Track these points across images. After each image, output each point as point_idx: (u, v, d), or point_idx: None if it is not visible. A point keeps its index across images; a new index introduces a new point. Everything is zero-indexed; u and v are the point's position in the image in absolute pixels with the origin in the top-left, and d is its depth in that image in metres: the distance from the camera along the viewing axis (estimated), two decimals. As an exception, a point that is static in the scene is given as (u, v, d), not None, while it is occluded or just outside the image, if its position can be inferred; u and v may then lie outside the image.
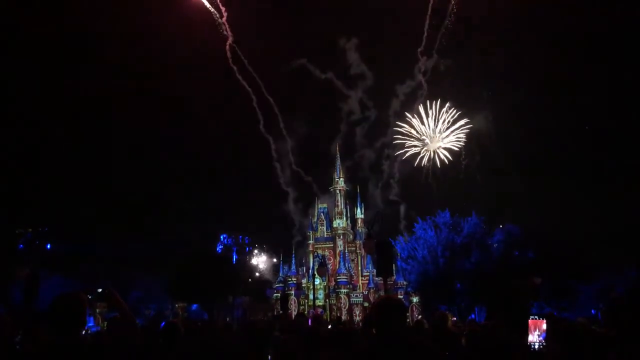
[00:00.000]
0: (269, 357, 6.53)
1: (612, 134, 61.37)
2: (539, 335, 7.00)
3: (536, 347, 6.96)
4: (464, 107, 56.94)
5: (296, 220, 59.62)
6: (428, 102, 57.47)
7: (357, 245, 53.74)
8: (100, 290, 43.21)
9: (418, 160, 58.40)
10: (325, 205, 56.95)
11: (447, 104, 56.11)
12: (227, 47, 53.53)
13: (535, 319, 7.29)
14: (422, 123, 56.93)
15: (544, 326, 7.09)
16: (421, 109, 57.08)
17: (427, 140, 58.28)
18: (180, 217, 68.19)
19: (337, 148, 58.68)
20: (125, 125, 72.05)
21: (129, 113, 71.90)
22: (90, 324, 40.09)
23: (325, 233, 55.21)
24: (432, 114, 57.06)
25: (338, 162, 57.96)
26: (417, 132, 56.86)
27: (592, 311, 37.15)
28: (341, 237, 53.79)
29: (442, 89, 60.62)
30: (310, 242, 54.92)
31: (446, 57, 58.05)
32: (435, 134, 57.48)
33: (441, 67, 58.35)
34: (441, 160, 57.05)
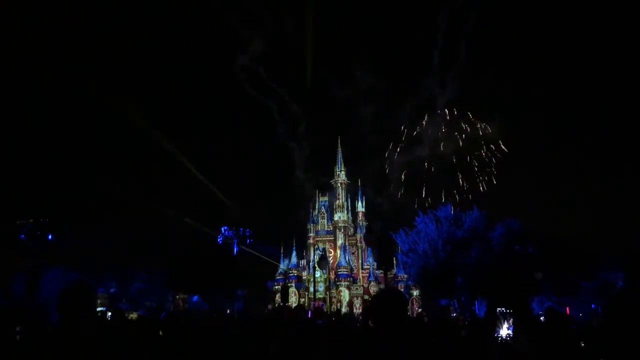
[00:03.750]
0: (269, 348, 6.55)
1: (616, 133, 61.42)
2: (507, 328, 7.10)
3: (503, 339, 7.06)
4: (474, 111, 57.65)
5: (296, 213, 59.76)
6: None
7: (358, 239, 53.79)
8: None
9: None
10: (326, 198, 57.00)
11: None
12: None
13: (502, 310, 7.36)
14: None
15: (510, 319, 7.18)
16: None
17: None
18: (182, 210, 68.38)
19: (339, 141, 58.64)
20: (130, 115, 71.96)
21: (133, 105, 72.02)
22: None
23: (326, 226, 55.30)
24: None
25: (339, 155, 57.93)
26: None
27: (592, 306, 37.22)
28: (342, 230, 53.85)
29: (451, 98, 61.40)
30: (311, 235, 55.03)
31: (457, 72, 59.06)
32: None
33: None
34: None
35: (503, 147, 59.87)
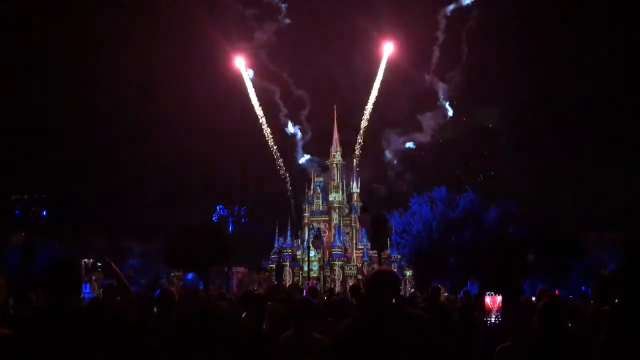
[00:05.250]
0: (263, 325, 6.61)
1: (610, 116, 61.64)
2: (497, 311, 7.19)
3: (492, 321, 7.18)
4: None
5: (293, 193, 59.93)
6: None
7: (353, 219, 54.02)
8: (98, 261, 43.48)
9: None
10: (321, 179, 57.06)
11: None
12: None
13: (492, 294, 7.44)
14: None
15: (499, 302, 7.27)
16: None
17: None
18: (178, 187, 68.33)
19: (335, 122, 58.41)
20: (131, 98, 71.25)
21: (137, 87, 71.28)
22: (86, 291, 40.42)
23: (321, 206, 55.43)
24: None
25: (335, 136, 57.77)
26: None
27: (582, 288, 37.67)
28: (337, 210, 54.01)
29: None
30: (306, 214, 55.18)
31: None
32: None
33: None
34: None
35: (500, 134, 60.31)
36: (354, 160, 57.43)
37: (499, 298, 7.36)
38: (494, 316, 7.29)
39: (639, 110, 60.41)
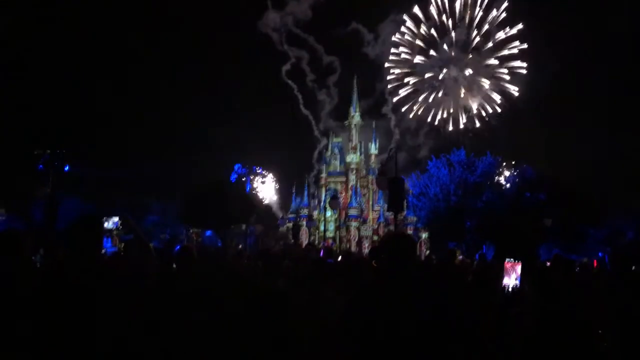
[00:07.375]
0: (280, 283, 6.74)
1: (631, 78, 59.71)
2: (515, 279, 7.20)
3: (511, 289, 7.21)
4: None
5: (311, 154, 60.08)
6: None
7: (370, 181, 53.97)
8: (117, 218, 44.36)
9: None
10: (339, 139, 56.80)
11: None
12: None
13: (512, 261, 7.43)
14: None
15: (519, 269, 7.28)
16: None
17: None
18: (197, 145, 68.69)
19: (355, 82, 57.62)
20: (153, 52, 70.79)
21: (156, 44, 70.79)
22: (108, 245, 41.50)
23: (338, 167, 55.41)
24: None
25: (355, 96, 57.08)
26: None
27: (600, 254, 37.53)
28: (354, 171, 53.97)
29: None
30: (323, 175, 55.29)
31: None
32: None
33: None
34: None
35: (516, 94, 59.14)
36: (374, 122, 57.07)
37: (518, 266, 7.38)
38: (512, 281, 7.33)
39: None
